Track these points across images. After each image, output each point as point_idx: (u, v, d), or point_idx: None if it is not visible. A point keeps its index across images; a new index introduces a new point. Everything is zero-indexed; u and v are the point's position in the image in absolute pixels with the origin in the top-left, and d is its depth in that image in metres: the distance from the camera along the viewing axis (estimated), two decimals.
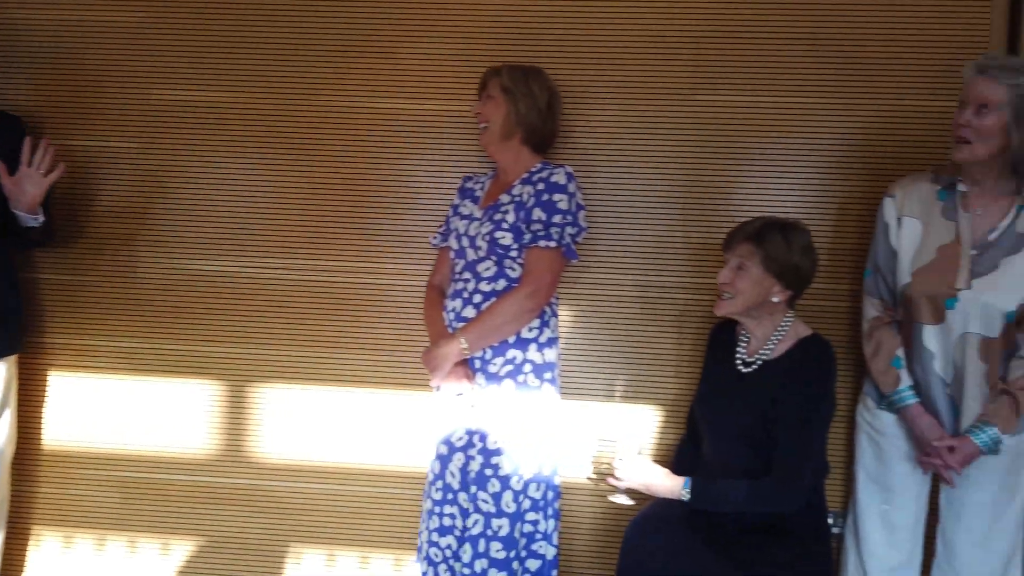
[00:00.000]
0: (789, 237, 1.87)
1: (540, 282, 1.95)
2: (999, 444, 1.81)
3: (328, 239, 2.37)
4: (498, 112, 2.04)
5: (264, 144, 2.38)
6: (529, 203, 1.98)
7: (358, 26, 2.35)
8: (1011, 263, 1.82)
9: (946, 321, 1.86)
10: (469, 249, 2.04)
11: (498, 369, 1.99)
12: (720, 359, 2.03)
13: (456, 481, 2.00)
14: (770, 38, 2.25)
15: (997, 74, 1.75)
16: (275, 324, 2.39)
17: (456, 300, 2.03)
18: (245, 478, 2.42)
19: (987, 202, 1.86)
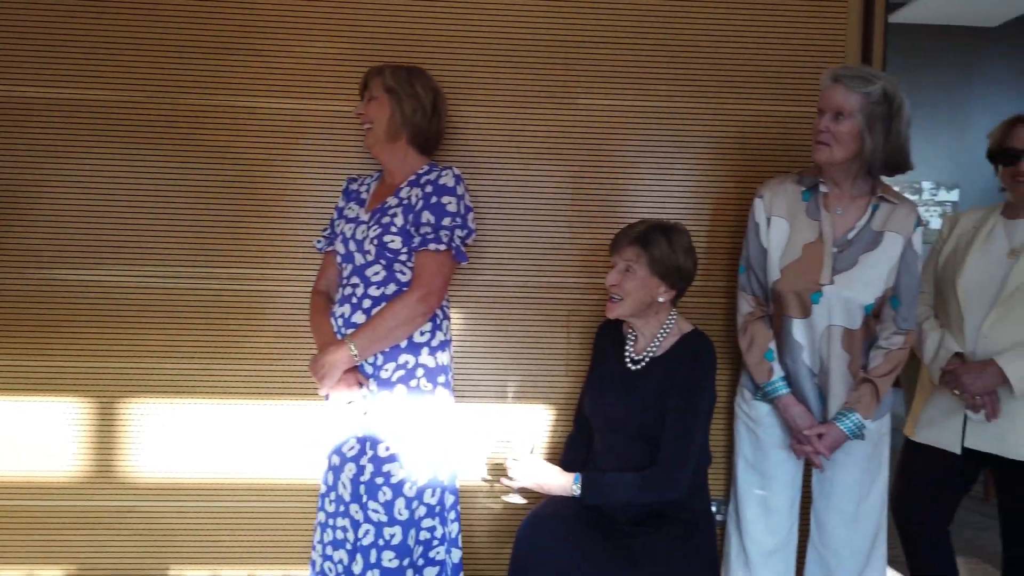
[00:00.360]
0: (672, 239, 1.95)
1: (431, 286, 1.93)
2: (863, 429, 1.95)
3: (205, 244, 2.26)
4: (382, 113, 2.00)
5: (136, 144, 2.24)
6: (417, 206, 1.95)
7: (238, 23, 2.25)
8: (868, 259, 1.95)
9: (812, 315, 1.97)
10: (357, 253, 1.98)
11: (390, 375, 1.95)
12: (608, 357, 2.08)
13: (348, 493, 1.96)
14: (645, 44, 2.32)
15: (851, 83, 1.87)
16: (148, 335, 2.26)
17: (345, 305, 1.98)
18: (119, 500, 2.28)
19: (846, 202, 2.00)
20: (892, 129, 1.89)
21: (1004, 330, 2.02)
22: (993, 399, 2.02)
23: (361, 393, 1.94)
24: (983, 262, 2.08)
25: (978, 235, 2.12)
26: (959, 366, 2.05)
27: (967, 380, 2.02)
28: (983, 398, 2.02)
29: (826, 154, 1.91)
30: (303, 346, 2.27)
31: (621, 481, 1.91)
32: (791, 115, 2.35)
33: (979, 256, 2.09)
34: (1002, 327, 2.02)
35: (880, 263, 1.94)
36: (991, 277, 2.06)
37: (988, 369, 1.99)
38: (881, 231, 1.96)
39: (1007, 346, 2.00)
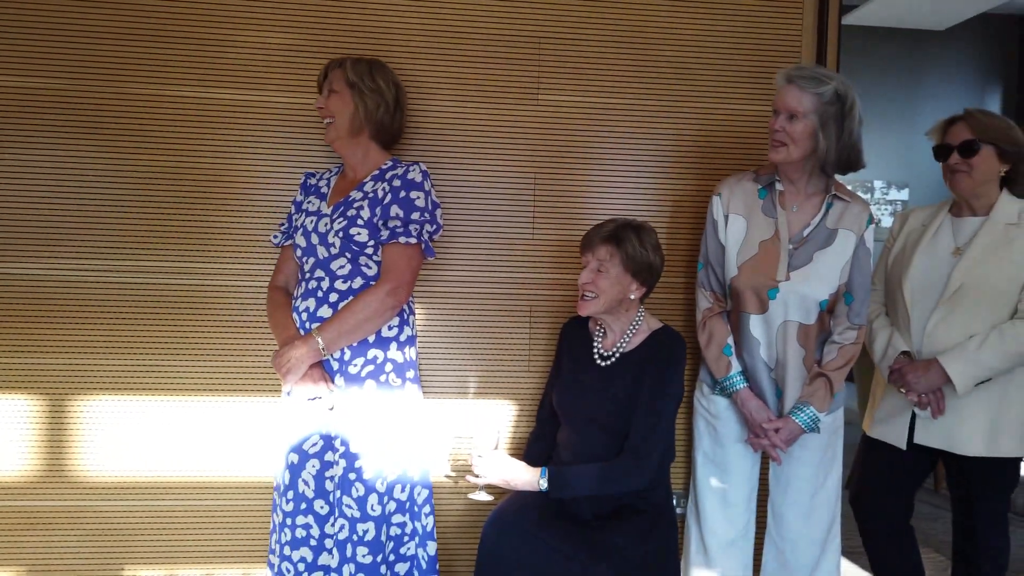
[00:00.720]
0: (642, 237, 1.98)
1: (401, 279, 1.92)
2: (818, 422, 1.99)
3: (157, 237, 2.21)
4: (344, 108, 1.97)
5: (85, 135, 2.18)
6: (385, 200, 1.94)
7: (194, 11, 2.20)
8: (823, 256, 1.99)
9: (769, 310, 2.01)
10: (320, 247, 1.95)
11: (359, 370, 1.94)
12: (576, 354, 2.10)
13: (311, 489, 1.93)
14: (605, 42, 2.33)
15: (804, 84, 1.91)
16: (98, 330, 2.20)
17: (309, 299, 1.95)
18: (70, 500, 2.22)
19: (801, 200, 2.04)
20: (844, 128, 1.93)
21: (948, 328, 2.06)
22: (938, 396, 2.07)
23: (327, 389, 1.91)
24: (929, 260, 2.12)
25: (926, 233, 2.16)
26: (905, 365, 2.09)
27: (912, 379, 2.06)
28: (928, 396, 2.07)
29: (782, 154, 1.95)
30: (257, 341, 2.24)
31: (587, 472, 1.93)
32: (748, 114, 2.39)
33: (925, 254, 2.14)
34: (946, 325, 2.06)
35: (834, 260, 1.99)
36: (936, 276, 2.09)
37: (932, 368, 2.03)
38: (835, 228, 2.00)
39: (951, 344, 2.04)
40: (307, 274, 1.99)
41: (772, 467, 2.12)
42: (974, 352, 1.99)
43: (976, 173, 2.06)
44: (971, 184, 2.07)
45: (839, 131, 1.93)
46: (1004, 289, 2.02)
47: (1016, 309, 2.03)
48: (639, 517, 1.97)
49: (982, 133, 2.04)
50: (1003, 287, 2.02)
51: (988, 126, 2.05)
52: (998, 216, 2.07)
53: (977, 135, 2.04)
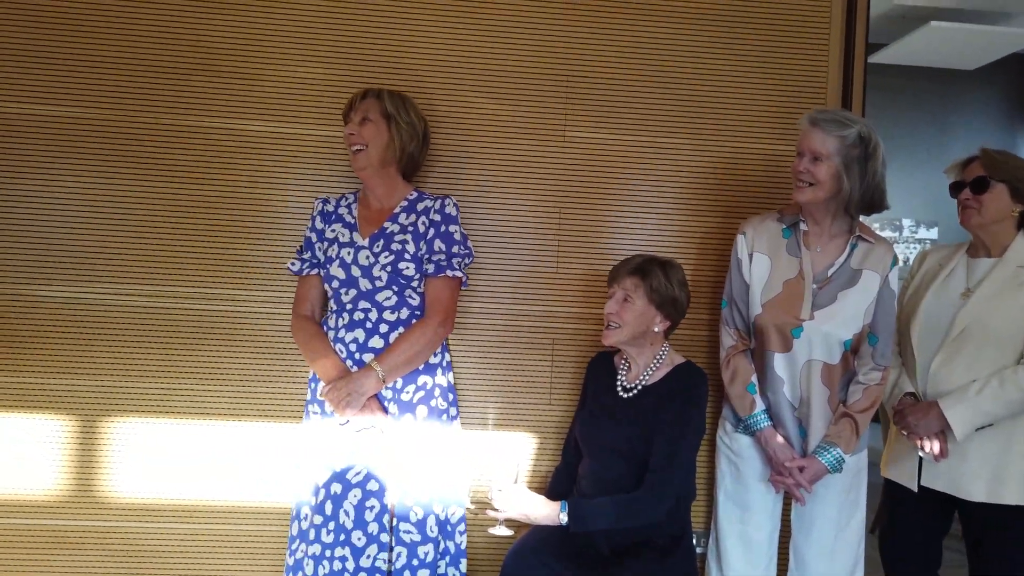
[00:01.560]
0: (668, 272, 2.02)
1: (449, 311, 2.02)
2: (842, 463, 1.97)
3: (186, 264, 2.27)
4: (379, 137, 2.02)
5: (117, 163, 2.25)
6: (428, 234, 2.02)
7: (221, 45, 2.28)
8: (847, 296, 1.99)
9: (793, 349, 2.01)
10: (363, 279, 1.99)
11: (411, 397, 2.00)
12: (601, 387, 2.12)
13: (350, 520, 1.93)
14: (632, 80, 2.37)
15: (827, 127, 1.93)
16: (127, 354, 2.26)
17: (356, 331, 1.99)
18: (97, 520, 2.26)
19: (825, 241, 2.05)
20: (868, 170, 1.94)
21: (951, 371, 2.03)
22: (941, 440, 2.03)
23: (384, 419, 1.96)
24: (938, 301, 2.10)
25: (940, 273, 2.14)
26: (907, 406, 2.07)
27: (912, 421, 2.03)
28: (930, 439, 2.03)
29: (807, 194, 1.97)
30: (282, 367, 2.28)
31: (606, 505, 1.93)
32: (774, 153, 2.41)
33: (936, 295, 2.11)
34: (949, 368, 2.03)
35: (858, 300, 1.99)
36: (943, 317, 2.07)
37: (931, 411, 2.00)
38: (859, 269, 2.01)
39: (953, 387, 2.01)
40: (347, 305, 2.02)
41: (794, 508, 2.10)
42: (974, 398, 1.96)
43: (985, 210, 2.04)
44: (980, 221, 2.06)
45: (862, 173, 1.94)
46: (1009, 333, 1.99)
47: (1021, 354, 1.99)
48: (657, 553, 1.96)
49: (994, 171, 2.04)
50: (1008, 330, 1.99)
51: (1001, 164, 2.04)
52: (1011, 258, 2.04)
53: (989, 172, 2.04)
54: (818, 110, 1.99)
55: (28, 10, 2.23)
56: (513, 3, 2.34)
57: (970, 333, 2.02)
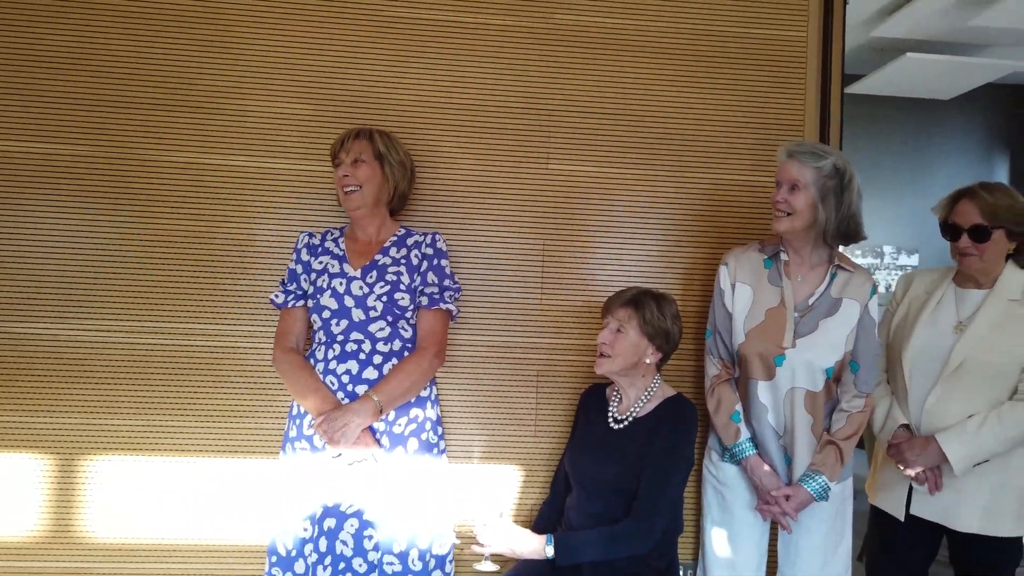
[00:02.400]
0: (662, 305, 2.04)
1: (442, 343, 2.05)
2: (828, 491, 1.98)
3: (165, 299, 2.26)
4: (373, 178, 2.05)
5: (102, 199, 2.25)
6: (422, 267, 2.06)
7: (205, 81, 2.29)
8: (828, 324, 2.01)
9: (776, 377, 2.02)
10: (356, 309, 2.00)
11: (403, 429, 2.00)
12: (592, 419, 2.13)
13: (349, 548, 1.93)
14: (614, 113, 2.40)
15: (803, 159, 1.97)
16: (110, 391, 2.24)
17: (349, 362, 1.98)
18: (75, 561, 2.22)
19: (806, 270, 2.08)
20: (843, 200, 1.98)
21: (947, 406, 2.04)
22: (935, 474, 2.04)
23: (379, 451, 1.95)
24: (930, 333, 2.10)
25: (928, 302, 2.14)
26: (903, 441, 2.07)
27: (910, 456, 2.04)
28: (925, 473, 2.05)
29: (785, 224, 2.00)
30: (263, 402, 2.26)
31: (592, 537, 1.93)
32: (754, 184, 2.43)
33: (927, 327, 2.12)
34: (946, 403, 2.04)
35: (839, 328, 2.01)
36: (937, 350, 2.07)
37: (930, 447, 2.01)
38: (839, 298, 2.03)
39: (949, 422, 2.02)
40: (338, 336, 2.01)
41: (781, 537, 2.09)
42: (973, 434, 1.97)
43: (987, 257, 2.04)
44: (981, 266, 2.06)
45: (838, 203, 1.98)
46: (1005, 368, 2.00)
47: (1016, 389, 2.01)
48: None
49: (993, 217, 2.01)
50: (1004, 366, 2.00)
51: (999, 209, 2.01)
52: (1002, 291, 2.05)
53: (988, 220, 2.01)
54: (795, 142, 2.03)
55: (9, 46, 2.24)
56: (495, 39, 2.37)
57: (966, 369, 2.02)
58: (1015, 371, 2.00)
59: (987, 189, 2.05)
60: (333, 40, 2.33)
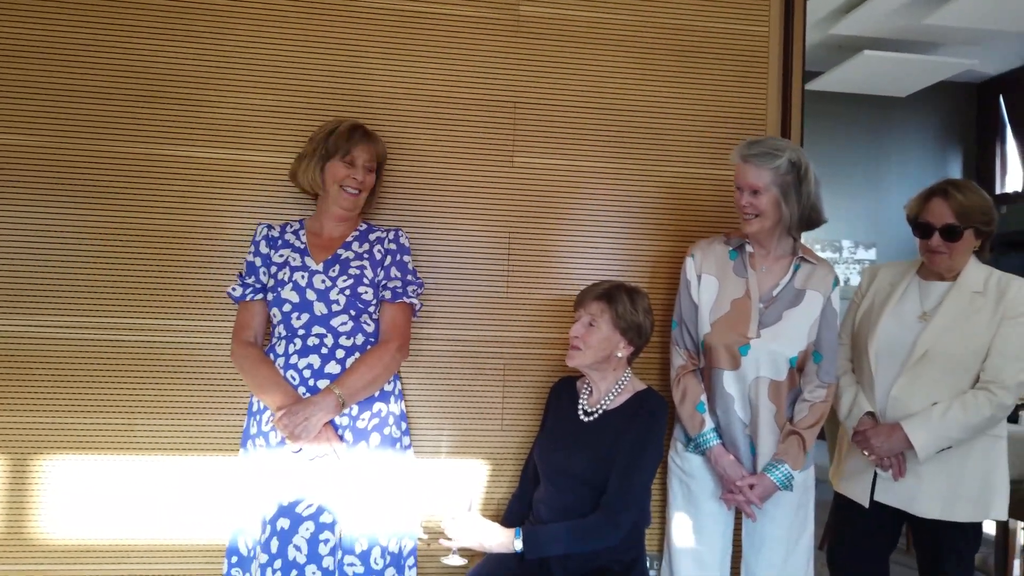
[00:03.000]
0: (634, 299, 2.05)
1: (406, 336, 2.04)
2: (791, 479, 2.01)
3: (121, 294, 2.20)
4: (370, 183, 2.09)
5: (57, 191, 2.18)
6: (386, 261, 2.05)
7: (176, 73, 2.23)
8: (792, 315, 2.04)
9: (741, 367, 2.04)
10: (318, 303, 1.96)
11: (366, 424, 1.97)
12: (562, 412, 2.13)
13: (302, 555, 1.86)
14: (579, 107, 2.40)
15: (758, 161, 1.99)
16: (62, 389, 2.17)
17: (311, 356, 1.95)
18: (28, 564, 2.15)
19: (771, 262, 2.11)
20: (803, 192, 2.02)
21: (912, 394, 2.08)
22: (899, 460, 2.09)
23: (340, 446, 1.91)
24: (895, 324, 2.15)
25: (893, 294, 2.19)
26: (869, 428, 2.11)
27: (875, 443, 2.08)
28: (890, 459, 2.09)
29: (755, 225, 2.04)
30: (220, 398, 2.22)
31: (561, 531, 1.93)
32: (717, 178, 2.45)
33: (892, 317, 2.16)
34: (910, 391, 2.08)
35: (802, 319, 2.04)
36: (902, 340, 2.12)
37: (895, 433, 2.05)
38: (803, 289, 2.06)
39: (914, 410, 2.06)
40: (299, 330, 1.97)
41: (745, 527, 2.12)
42: (937, 421, 2.02)
43: (956, 256, 2.09)
44: (949, 264, 2.10)
45: (799, 196, 2.02)
46: (967, 358, 2.05)
47: (978, 378, 2.06)
48: None
49: (965, 218, 2.05)
50: (966, 356, 2.05)
51: (970, 209, 2.05)
52: (965, 283, 2.10)
53: (960, 220, 2.05)
54: (747, 143, 2.04)
55: None
56: (460, 32, 2.35)
57: (930, 358, 2.07)
58: (977, 361, 2.05)
59: (958, 188, 2.07)
60: (300, 33, 2.29)
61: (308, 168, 2.05)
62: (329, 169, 2.03)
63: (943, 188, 2.09)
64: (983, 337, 2.04)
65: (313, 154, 2.04)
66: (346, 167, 2.03)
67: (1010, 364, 2.02)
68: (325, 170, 2.03)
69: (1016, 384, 2.01)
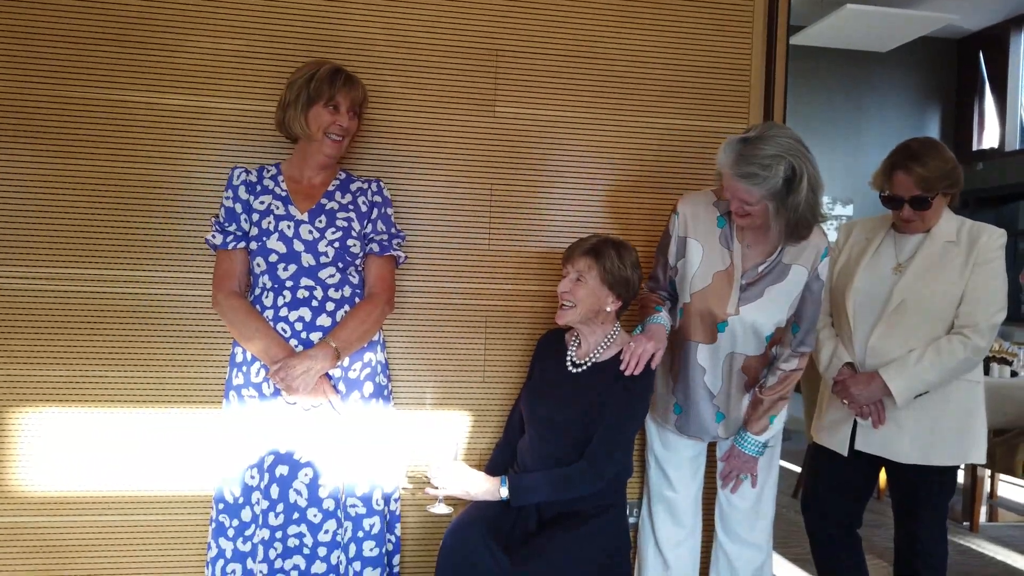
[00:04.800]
0: (622, 253, 2.04)
1: (392, 289, 2.06)
2: (764, 446, 2.09)
3: (98, 244, 2.15)
4: (354, 128, 2.04)
5: (22, 138, 2.11)
6: (372, 214, 2.04)
7: (143, 16, 2.15)
8: (774, 291, 2.02)
9: (717, 341, 2.05)
10: (306, 254, 1.94)
11: (358, 374, 2.01)
12: (549, 363, 2.14)
13: (303, 498, 1.90)
14: (561, 56, 2.36)
15: (747, 182, 1.83)
16: (39, 341, 2.13)
17: (302, 309, 1.93)
18: (6, 516, 2.15)
19: (758, 237, 2.03)
20: (794, 203, 1.86)
21: (889, 343, 2.12)
22: (879, 407, 2.13)
23: (334, 398, 1.94)
24: (871, 276, 2.18)
25: (869, 247, 2.22)
26: (848, 377, 2.15)
27: (855, 391, 2.12)
28: (870, 407, 2.14)
29: (747, 222, 1.95)
30: (201, 351, 2.20)
31: (545, 478, 1.96)
32: (701, 129, 2.44)
33: (868, 270, 2.19)
34: (887, 340, 2.12)
35: (784, 294, 2.03)
36: (878, 291, 2.16)
37: (873, 381, 2.08)
38: (789, 264, 2.02)
39: (891, 358, 2.10)
40: (287, 282, 1.95)
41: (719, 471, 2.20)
42: (913, 367, 2.06)
43: (928, 219, 2.12)
44: (923, 227, 2.15)
45: (792, 207, 1.87)
46: (942, 306, 2.09)
47: (952, 325, 2.10)
48: (584, 520, 1.99)
49: (930, 187, 2.06)
50: (940, 304, 2.09)
51: (933, 179, 2.05)
52: (938, 234, 2.14)
53: (925, 190, 2.06)
54: (737, 154, 1.84)
55: None
56: None
57: (906, 307, 2.11)
58: (952, 308, 2.09)
59: (918, 160, 2.05)
60: None
61: (295, 116, 1.97)
62: (312, 116, 1.96)
63: (903, 163, 2.07)
64: (957, 285, 2.08)
65: (296, 100, 1.96)
66: (331, 113, 1.97)
67: (983, 308, 2.06)
68: (308, 117, 1.96)
69: (989, 327, 2.06)
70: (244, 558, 1.96)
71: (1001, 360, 4.05)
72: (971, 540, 3.70)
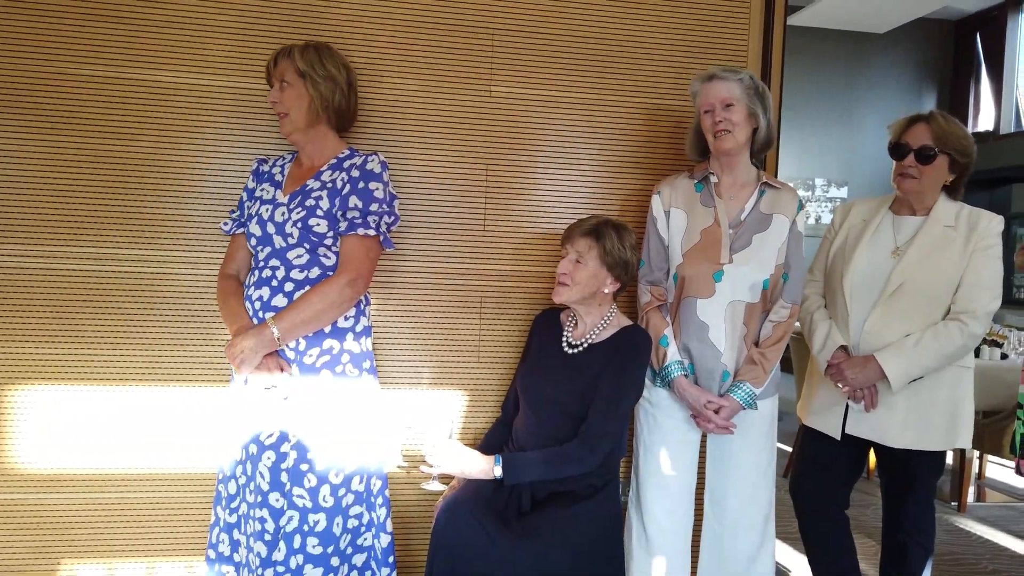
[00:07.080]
0: (621, 235, 2.06)
1: (359, 270, 1.91)
2: (755, 397, 2.08)
3: (100, 224, 2.16)
4: (299, 100, 1.95)
5: (19, 116, 2.11)
6: (344, 190, 1.93)
7: None
8: (761, 239, 2.09)
9: (716, 293, 2.08)
10: (276, 236, 1.93)
11: (314, 360, 1.92)
12: (546, 342, 2.16)
13: (266, 482, 1.89)
14: (559, 35, 2.36)
15: (725, 76, 2.07)
16: (40, 319, 2.14)
17: (263, 288, 1.92)
18: (7, 492, 2.16)
19: (736, 189, 2.15)
20: (767, 106, 2.10)
21: (886, 327, 2.13)
22: (872, 391, 2.15)
23: (283, 378, 1.89)
24: (869, 258, 2.19)
25: (867, 229, 2.22)
26: (843, 360, 2.16)
27: (849, 374, 2.13)
28: (863, 390, 2.15)
29: (729, 141, 2.06)
30: (203, 330, 2.21)
31: (539, 457, 1.98)
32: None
33: (865, 252, 2.20)
34: (884, 324, 2.13)
35: (771, 242, 2.10)
36: (875, 274, 2.16)
37: (869, 365, 2.09)
38: (769, 214, 2.11)
39: (888, 342, 2.11)
40: (261, 263, 1.96)
41: (710, 455, 2.20)
42: (910, 351, 2.07)
43: (925, 180, 2.12)
44: (917, 189, 2.14)
45: (764, 109, 2.09)
46: (939, 290, 2.10)
47: (949, 309, 2.11)
48: (576, 500, 2.01)
49: (942, 142, 2.08)
50: (938, 288, 2.10)
51: (949, 135, 2.09)
52: (937, 218, 2.14)
53: (937, 143, 2.09)
54: (708, 72, 2.11)
55: None
56: None
57: (903, 292, 2.11)
58: (949, 293, 2.11)
59: (944, 117, 2.13)
60: None
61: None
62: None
63: (930, 113, 2.14)
64: (955, 270, 2.09)
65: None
66: (271, 93, 1.98)
67: (980, 294, 2.08)
68: None
69: (985, 314, 2.08)
70: (231, 529, 2.01)
71: (991, 342, 4.08)
72: (959, 520, 3.75)
